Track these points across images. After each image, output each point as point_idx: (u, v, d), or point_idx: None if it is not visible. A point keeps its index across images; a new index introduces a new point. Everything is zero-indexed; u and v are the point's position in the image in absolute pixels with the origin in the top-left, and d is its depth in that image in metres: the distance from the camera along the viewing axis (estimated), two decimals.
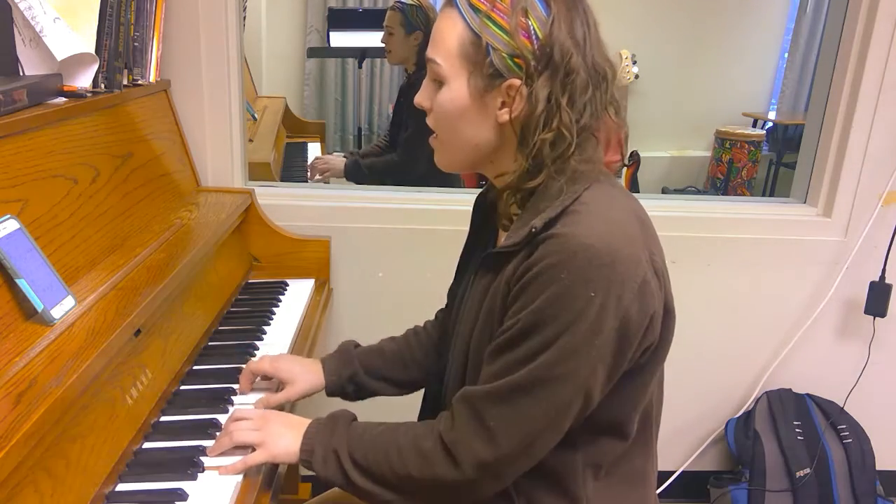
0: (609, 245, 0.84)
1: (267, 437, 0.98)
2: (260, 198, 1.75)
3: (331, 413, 1.02)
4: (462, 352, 1.00)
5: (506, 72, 0.88)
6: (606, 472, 0.97)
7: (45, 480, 0.81)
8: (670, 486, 2.07)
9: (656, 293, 0.88)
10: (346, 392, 1.21)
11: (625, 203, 0.93)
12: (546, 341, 0.84)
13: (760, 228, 1.94)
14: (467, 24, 0.89)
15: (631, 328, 0.85)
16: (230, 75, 1.73)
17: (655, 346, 0.91)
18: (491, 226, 1.08)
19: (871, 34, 1.78)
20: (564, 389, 0.85)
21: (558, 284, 0.83)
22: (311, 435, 0.98)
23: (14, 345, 0.88)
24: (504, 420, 0.87)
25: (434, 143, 1.00)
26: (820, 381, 2.05)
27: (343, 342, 1.26)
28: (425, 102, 0.97)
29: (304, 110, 4.50)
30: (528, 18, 0.87)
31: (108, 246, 1.19)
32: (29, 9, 1.23)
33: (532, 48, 0.87)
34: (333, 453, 0.96)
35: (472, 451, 0.88)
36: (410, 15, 2.51)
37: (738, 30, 4.66)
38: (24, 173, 1.04)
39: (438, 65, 0.92)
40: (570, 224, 0.86)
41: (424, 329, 1.27)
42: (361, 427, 0.99)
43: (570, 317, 0.83)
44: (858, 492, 1.90)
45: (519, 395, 0.86)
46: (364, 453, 0.95)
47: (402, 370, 1.23)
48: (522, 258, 0.89)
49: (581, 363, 0.84)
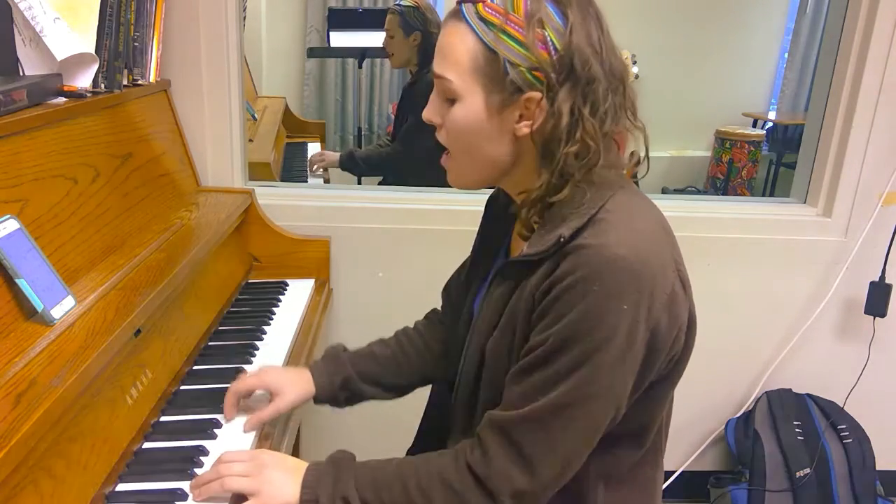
0: (639, 256, 0.82)
1: (262, 486, 0.89)
2: (260, 198, 1.75)
3: (329, 456, 0.94)
4: (475, 360, 0.97)
5: (525, 86, 0.85)
6: (617, 481, 0.96)
7: (45, 480, 0.81)
8: (670, 486, 2.07)
9: (683, 303, 0.87)
10: (337, 399, 1.15)
11: (649, 212, 0.91)
12: (580, 358, 0.81)
13: (760, 228, 1.94)
14: (479, 38, 0.85)
15: (660, 339, 0.84)
16: (230, 75, 1.73)
17: (678, 357, 0.90)
18: (503, 229, 1.05)
19: (871, 34, 1.78)
20: (599, 407, 0.83)
21: (591, 297, 0.80)
22: (312, 483, 0.89)
23: (14, 345, 0.88)
24: (542, 446, 0.83)
25: (447, 161, 0.96)
26: (820, 381, 2.05)
27: (329, 347, 1.20)
28: (435, 118, 0.93)
29: (304, 110, 4.50)
30: (545, 29, 0.83)
31: (108, 246, 1.19)
32: (29, 9, 1.23)
33: (551, 60, 0.84)
34: (342, 501, 0.87)
35: (510, 481, 0.84)
36: (408, 16, 2.51)
37: (738, 29, 4.66)
38: (24, 173, 1.04)
39: (450, 81, 0.88)
40: (599, 234, 0.83)
41: (416, 330, 1.24)
42: (368, 466, 0.92)
43: (604, 331, 0.80)
44: (858, 492, 1.90)
45: (553, 419, 0.83)
46: (378, 495, 0.87)
47: (395, 374, 1.18)
48: (548, 269, 0.85)
49: (616, 378, 0.82)
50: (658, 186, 4.78)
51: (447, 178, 0.98)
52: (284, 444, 1.13)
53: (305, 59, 4.49)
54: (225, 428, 1.08)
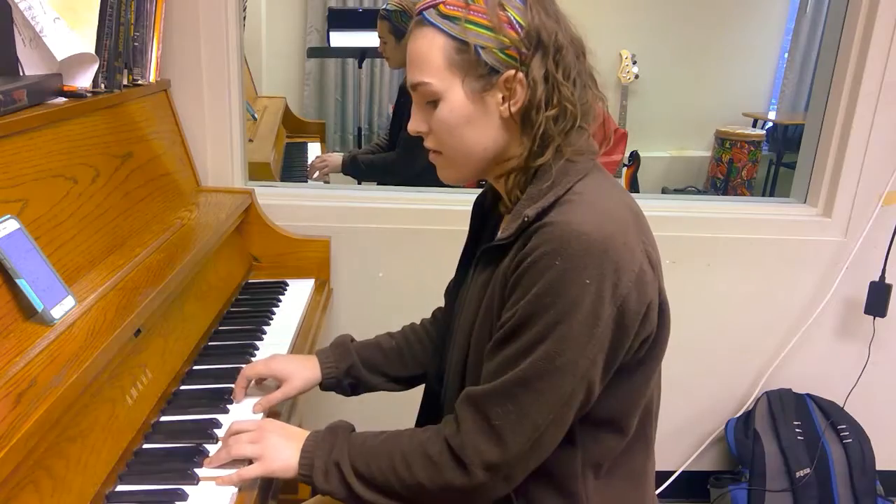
0: (603, 233, 0.84)
1: (265, 451, 0.96)
2: (260, 198, 1.75)
3: (329, 425, 1.00)
4: (462, 348, 1.00)
5: (500, 66, 0.89)
6: (607, 471, 0.97)
7: (45, 480, 0.81)
8: (670, 486, 2.07)
9: (652, 282, 0.88)
10: (342, 386, 1.20)
11: (617, 194, 0.94)
12: (544, 331, 0.84)
13: (760, 228, 1.94)
14: (447, 34, 0.89)
15: (628, 317, 0.85)
16: (230, 75, 1.73)
17: (653, 339, 0.91)
18: (490, 226, 1.07)
19: (871, 34, 1.78)
20: (566, 380, 0.85)
21: (553, 271, 0.83)
22: (310, 448, 0.96)
23: (14, 345, 0.88)
24: (509, 418, 0.86)
25: (438, 160, 0.99)
26: (820, 381, 2.05)
27: (338, 336, 1.24)
28: (421, 127, 0.97)
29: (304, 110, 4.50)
30: (507, 10, 0.89)
31: (108, 246, 1.19)
32: (29, 9, 1.23)
33: (519, 37, 0.89)
34: (335, 466, 0.93)
35: (480, 453, 0.87)
36: (396, 21, 2.51)
37: (738, 30, 4.66)
38: (24, 173, 1.04)
39: (428, 83, 0.92)
40: (564, 213, 0.87)
41: (422, 326, 1.27)
42: (362, 437, 0.97)
43: (566, 305, 0.83)
44: (858, 492, 1.90)
45: (521, 391, 0.86)
46: (367, 463, 0.92)
47: (400, 365, 1.22)
48: (518, 249, 0.89)
49: (581, 353, 0.84)
50: (658, 186, 4.79)
51: (439, 175, 1.01)
52: None
53: (305, 59, 4.49)
54: (225, 428, 1.08)
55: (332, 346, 1.22)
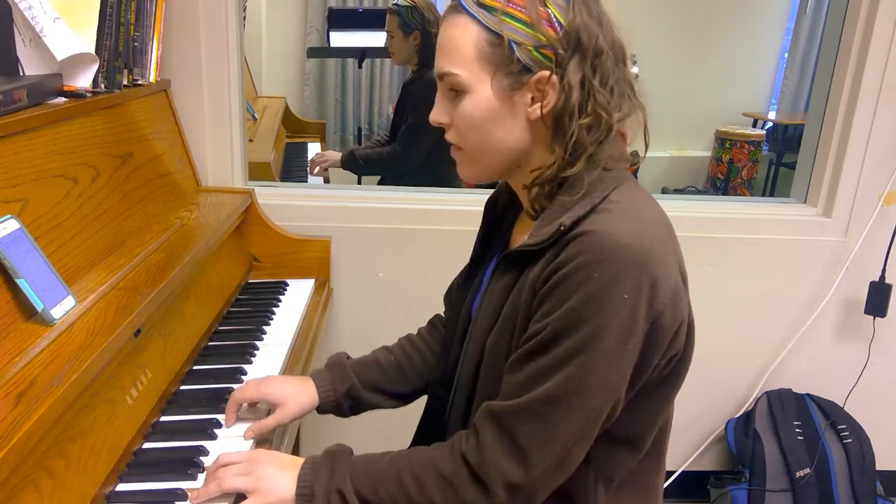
0: (643, 245, 0.80)
1: (259, 483, 0.89)
2: (260, 198, 1.75)
3: (326, 449, 0.94)
4: (475, 355, 0.96)
5: (533, 65, 0.85)
6: (618, 485, 0.94)
7: (45, 480, 0.81)
8: (670, 486, 2.07)
9: (685, 299, 0.86)
10: (341, 408, 1.14)
11: (653, 206, 0.91)
12: (578, 346, 0.80)
13: (760, 228, 1.94)
14: (482, 25, 0.85)
15: (661, 333, 0.82)
16: (230, 75, 1.73)
17: (679, 358, 0.89)
18: (503, 229, 1.04)
19: (871, 34, 1.78)
20: (597, 398, 0.81)
21: (591, 284, 0.79)
22: (308, 476, 0.89)
23: (14, 345, 0.88)
24: (537, 437, 0.82)
25: (458, 156, 0.95)
26: (820, 381, 2.05)
27: (332, 356, 1.18)
28: (443, 118, 0.92)
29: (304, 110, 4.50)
30: (548, 7, 0.84)
31: (108, 246, 1.19)
32: (29, 9, 1.23)
33: (557, 36, 0.84)
34: (338, 493, 0.87)
35: (503, 473, 0.82)
36: (406, 17, 2.53)
37: (738, 30, 4.66)
38: (24, 173, 1.04)
39: (456, 75, 0.87)
40: (603, 222, 0.82)
41: (420, 336, 1.22)
42: (364, 460, 0.91)
43: (603, 319, 0.79)
44: (858, 492, 1.90)
45: (551, 409, 0.81)
46: (374, 488, 0.86)
47: (401, 381, 1.17)
48: (550, 257, 0.84)
49: (613, 368, 0.81)
50: (658, 186, 4.78)
51: (458, 172, 0.97)
52: (283, 446, 1.13)
53: (305, 59, 4.49)
54: (224, 428, 1.09)
55: (329, 368, 1.15)
